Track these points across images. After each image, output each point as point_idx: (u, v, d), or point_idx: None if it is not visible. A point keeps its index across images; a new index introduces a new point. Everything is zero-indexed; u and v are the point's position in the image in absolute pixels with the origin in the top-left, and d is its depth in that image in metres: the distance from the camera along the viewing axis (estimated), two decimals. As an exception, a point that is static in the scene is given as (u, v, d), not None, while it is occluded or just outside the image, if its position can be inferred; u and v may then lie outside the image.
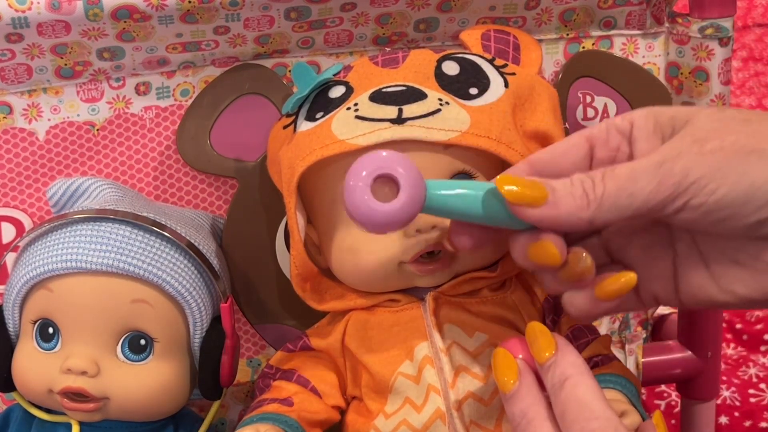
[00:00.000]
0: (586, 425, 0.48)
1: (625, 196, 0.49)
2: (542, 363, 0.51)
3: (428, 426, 0.62)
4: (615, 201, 0.50)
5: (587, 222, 0.50)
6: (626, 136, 0.54)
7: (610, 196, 0.50)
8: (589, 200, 0.50)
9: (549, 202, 0.50)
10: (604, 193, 0.50)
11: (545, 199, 0.50)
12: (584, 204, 0.50)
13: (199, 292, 0.67)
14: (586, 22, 0.79)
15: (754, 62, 1.80)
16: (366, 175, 0.51)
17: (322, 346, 0.68)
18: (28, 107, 0.73)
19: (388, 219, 0.51)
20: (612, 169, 0.50)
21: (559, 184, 0.51)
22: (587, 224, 0.50)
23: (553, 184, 0.51)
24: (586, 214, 0.50)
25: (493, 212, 0.52)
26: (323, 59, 0.76)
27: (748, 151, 0.48)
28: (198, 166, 0.74)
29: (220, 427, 0.81)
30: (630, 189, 0.49)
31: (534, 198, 0.50)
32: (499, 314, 0.65)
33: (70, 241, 0.64)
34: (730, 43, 0.78)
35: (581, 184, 0.50)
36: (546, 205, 0.50)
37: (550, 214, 0.50)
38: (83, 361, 0.63)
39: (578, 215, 0.50)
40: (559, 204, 0.50)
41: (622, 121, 0.54)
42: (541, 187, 0.51)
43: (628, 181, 0.49)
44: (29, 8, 0.65)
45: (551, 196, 0.50)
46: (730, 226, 0.49)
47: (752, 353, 1.20)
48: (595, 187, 0.50)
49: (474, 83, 0.65)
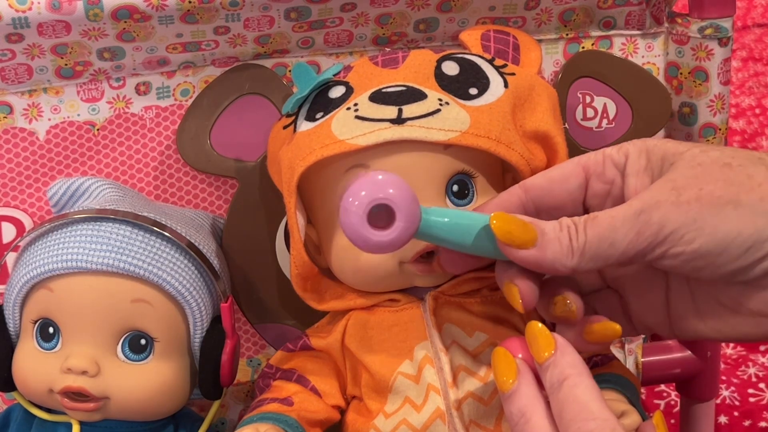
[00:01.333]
0: (583, 425, 0.48)
1: (606, 245, 0.51)
2: (541, 363, 0.51)
3: (428, 425, 0.62)
4: (596, 251, 0.51)
5: (571, 269, 0.51)
6: (620, 169, 0.55)
7: (592, 246, 0.51)
8: (573, 248, 0.51)
9: (537, 246, 0.52)
10: (587, 242, 0.51)
11: (534, 242, 0.52)
12: (569, 252, 0.51)
13: (200, 292, 0.67)
14: (586, 22, 0.79)
15: (753, 62, 1.81)
16: (362, 204, 0.52)
17: (322, 345, 0.68)
18: (28, 107, 0.73)
19: (382, 246, 0.52)
20: (594, 218, 0.51)
21: (548, 227, 0.52)
22: (571, 271, 0.52)
23: (543, 227, 0.52)
24: (570, 263, 0.51)
25: (482, 245, 0.54)
26: (323, 59, 0.76)
27: (724, 202, 0.50)
28: (198, 166, 0.74)
29: (220, 426, 0.81)
30: (610, 239, 0.51)
31: (524, 241, 0.52)
32: (498, 314, 0.65)
33: (71, 241, 0.64)
34: (729, 43, 0.78)
35: (567, 231, 0.52)
36: (534, 248, 0.52)
37: (536, 258, 0.52)
38: (83, 361, 0.63)
39: (562, 262, 0.51)
40: (545, 249, 0.51)
41: (617, 154, 0.55)
42: (532, 230, 0.52)
43: (609, 230, 0.51)
44: (29, 8, 0.65)
45: (540, 239, 0.52)
46: (708, 273, 0.51)
47: (752, 353, 1.21)
48: (579, 235, 0.51)
49: (474, 83, 0.65)
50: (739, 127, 1.70)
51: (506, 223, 0.52)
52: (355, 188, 0.52)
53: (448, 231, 0.54)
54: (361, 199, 0.52)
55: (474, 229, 0.54)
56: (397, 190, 0.52)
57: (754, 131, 1.70)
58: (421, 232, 0.53)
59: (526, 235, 0.52)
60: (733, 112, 1.73)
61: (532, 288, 0.54)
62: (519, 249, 0.52)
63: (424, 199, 0.62)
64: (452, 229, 0.54)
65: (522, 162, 0.63)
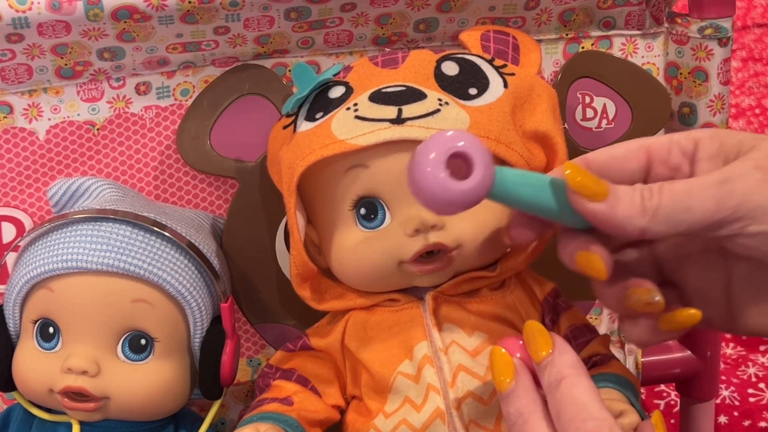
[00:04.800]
0: (581, 425, 0.48)
1: (682, 210, 0.49)
2: (539, 362, 0.51)
3: (428, 425, 0.62)
4: (670, 214, 0.49)
5: (639, 230, 0.50)
6: (688, 156, 0.53)
7: (666, 208, 0.49)
8: (645, 208, 0.49)
9: (608, 201, 0.50)
10: (660, 204, 0.49)
11: (605, 196, 0.50)
12: (641, 211, 0.49)
13: (200, 292, 0.67)
14: (586, 22, 0.79)
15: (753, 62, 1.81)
16: (441, 153, 0.49)
17: (322, 345, 0.68)
18: (28, 107, 0.73)
19: (464, 194, 0.49)
20: (671, 183, 0.50)
21: (620, 186, 0.50)
22: (639, 233, 0.50)
23: (615, 186, 0.50)
24: (640, 222, 0.49)
25: (554, 203, 0.52)
26: (323, 59, 0.76)
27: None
28: (198, 166, 0.74)
29: (220, 426, 0.81)
30: (687, 204, 0.49)
31: (595, 192, 0.50)
32: (498, 314, 0.65)
33: (71, 241, 0.64)
34: (729, 43, 0.78)
35: (640, 192, 0.50)
36: (605, 202, 0.50)
37: (606, 213, 0.50)
38: (84, 361, 0.63)
39: (632, 222, 0.49)
40: (617, 205, 0.50)
41: (686, 140, 0.53)
42: (605, 184, 0.50)
43: (686, 194, 0.49)
44: (29, 8, 0.65)
45: (612, 195, 0.50)
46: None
47: (751, 353, 1.21)
48: (653, 197, 0.49)
49: (473, 83, 0.65)
50: (739, 127, 1.70)
51: (579, 173, 0.50)
52: (428, 143, 0.50)
53: (522, 187, 0.52)
54: (440, 147, 0.49)
55: (545, 184, 0.52)
56: (472, 140, 0.50)
57: (754, 131, 1.70)
58: (495, 189, 0.51)
59: (598, 187, 0.50)
60: (733, 112, 1.74)
61: (608, 254, 0.52)
62: (589, 200, 0.50)
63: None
64: (525, 182, 0.52)
65: (522, 162, 0.63)
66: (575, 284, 0.78)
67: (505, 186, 0.51)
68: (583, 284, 0.82)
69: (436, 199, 0.49)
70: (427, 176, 0.49)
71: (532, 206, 0.53)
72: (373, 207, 0.63)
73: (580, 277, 0.54)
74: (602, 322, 0.86)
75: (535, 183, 0.52)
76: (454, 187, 0.49)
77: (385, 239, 0.63)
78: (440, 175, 0.49)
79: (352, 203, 0.64)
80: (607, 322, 0.86)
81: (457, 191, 0.49)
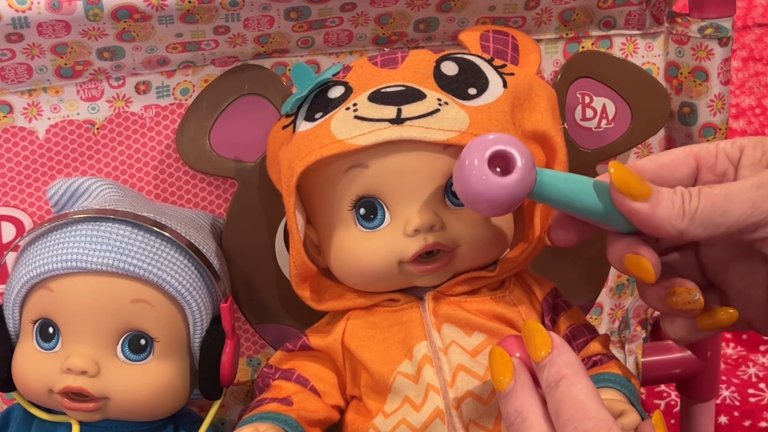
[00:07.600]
0: (580, 425, 0.48)
1: (719, 213, 0.50)
2: (538, 362, 0.51)
3: (427, 425, 0.62)
4: (707, 216, 0.51)
5: (678, 232, 0.51)
6: (734, 162, 0.54)
7: (704, 211, 0.51)
8: (684, 211, 0.51)
9: (650, 201, 0.51)
10: (699, 207, 0.51)
11: (648, 196, 0.52)
12: (680, 213, 0.51)
13: (199, 292, 0.67)
14: (586, 22, 0.79)
15: (753, 62, 1.80)
16: (484, 150, 0.52)
17: (322, 345, 0.68)
18: (28, 106, 0.73)
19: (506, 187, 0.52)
20: (709, 187, 0.51)
21: (663, 189, 0.52)
22: (678, 234, 0.51)
23: (657, 188, 0.52)
24: (679, 224, 0.51)
25: (597, 203, 0.53)
26: (323, 59, 0.76)
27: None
28: (198, 166, 0.74)
29: (220, 426, 0.81)
30: (723, 207, 0.50)
31: (638, 191, 0.52)
32: (498, 313, 0.65)
33: (71, 241, 0.64)
34: (729, 43, 0.78)
35: (681, 195, 0.51)
36: (647, 202, 0.51)
37: (647, 213, 0.51)
38: (83, 361, 0.63)
39: (672, 223, 0.51)
40: (658, 206, 0.51)
41: (732, 147, 0.55)
42: (648, 185, 0.52)
43: (724, 198, 0.51)
44: (29, 8, 0.65)
45: (654, 196, 0.51)
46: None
47: (752, 353, 1.20)
48: (692, 200, 0.51)
49: (473, 83, 0.65)
50: (739, 127, 1.70)
51: (624, 173, 0.52)
52: (471, 145, 0.53)
53: (564, 186, 0.54)
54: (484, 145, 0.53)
55: (587, 186, 0.54)
56: (513, 141, 0.53)
57: (754, 131, 1.70)
58: (538, 188, 0.53)
59: (642, 188, 0.52)
60: (733, 112, 1.73)
61: (657, 257, 0.54)
62: (632, 200, 0.52)
63: (423, 198, 0.62)
64: (566, 184, 0.54)
65: (521, 162, 0.63)
66: (575, 284, 0.78)
67: (547, 184, 0.53)
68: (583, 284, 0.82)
69: (483, 197, 0.52)
70: (473, 176, 0.52)
71: (575, 206, 0.54)
72: (372, 207, 0.63)
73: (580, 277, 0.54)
74: (602, 322, 0.86)
75: (577, 182, 0.54)
76: (497, 183, 0.52)
77: (385, 239, 0.63)
78: (484, 172, 0.52)
79: (351, 203, 0.64)
80: (608, 323, 0.86)
81: (500, 187, 0.52)
